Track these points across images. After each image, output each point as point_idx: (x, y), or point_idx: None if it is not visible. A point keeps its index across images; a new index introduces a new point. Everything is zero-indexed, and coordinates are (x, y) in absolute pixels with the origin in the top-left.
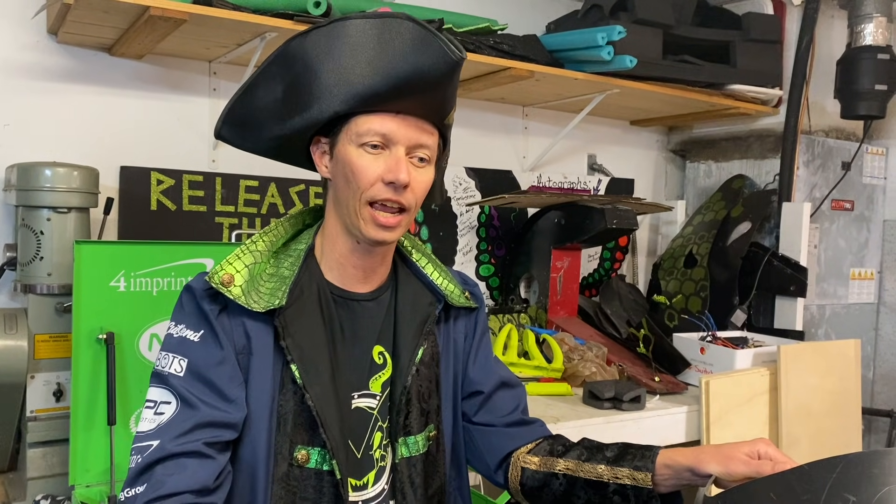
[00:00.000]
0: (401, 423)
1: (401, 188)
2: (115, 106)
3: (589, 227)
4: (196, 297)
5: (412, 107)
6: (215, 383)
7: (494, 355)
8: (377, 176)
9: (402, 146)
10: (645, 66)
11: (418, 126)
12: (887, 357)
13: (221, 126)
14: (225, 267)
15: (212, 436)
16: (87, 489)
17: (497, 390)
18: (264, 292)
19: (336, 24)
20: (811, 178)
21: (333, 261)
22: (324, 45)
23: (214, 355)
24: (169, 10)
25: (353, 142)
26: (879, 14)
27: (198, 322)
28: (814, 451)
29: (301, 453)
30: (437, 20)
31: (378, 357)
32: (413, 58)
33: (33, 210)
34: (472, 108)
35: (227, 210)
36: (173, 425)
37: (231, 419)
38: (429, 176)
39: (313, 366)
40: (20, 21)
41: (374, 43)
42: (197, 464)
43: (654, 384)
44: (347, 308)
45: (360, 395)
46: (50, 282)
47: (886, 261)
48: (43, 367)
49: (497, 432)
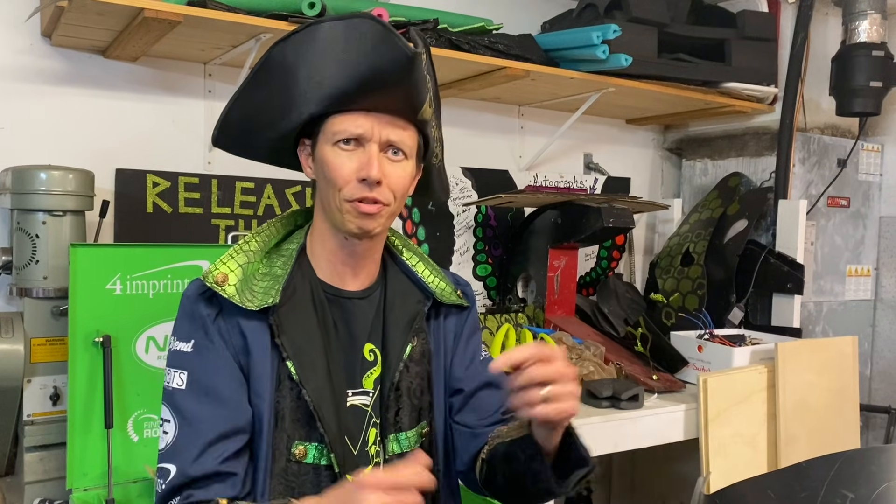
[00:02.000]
0: (391, 420)
1: (374, 184)
2: (110, 108)
3: (585, 227)
4: (191, 302)
5: (381, 104)
6: (216, 390)
7: (488, 355)
8: (352, 172)
9: (375, 143)
10: (640, 65)
11: (390, 122)
12: (884, 353)
13: (218, 135)
14: (219, 266)
15: (224, 450)
16: (85, 493)
17: (480, 390)
18: (258, 291)
19: (310, 27)
20: (807, 175)
21: (324, 259)
22: (300, 49)
23: (211, 362)
24: (163, 11)
25: (329, 141)
26: (874, 11)
27: (191, 330)
28: (812, 448)
29: (299, 449)
30: (431, 20)
31: (369, 354)
32: (374, 56)
33: (29, 213)
34: (468, 108)
35: (224, 212)
36: (185, 448)
37: (239, 424)
38: (406, 170)
39: (309, 362)
40: (14, 24)
41: (341, 44)
42: (220, 487)
43: (652, 383)
44: (340, 306)
45: (355, 392)
46: (46, 285)
47: (883, 257)
48: (39, 371)
49: (473, 434)
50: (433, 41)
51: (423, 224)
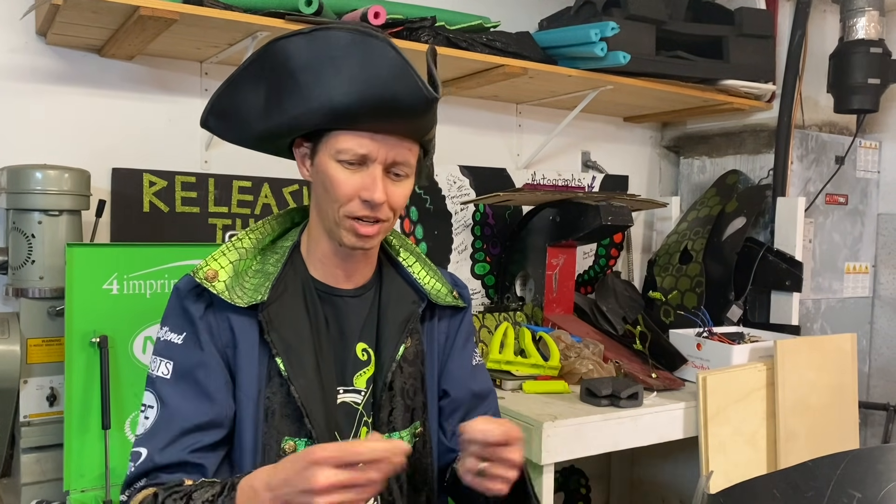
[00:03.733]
0: (384, 420)
1: (377, 206)
2: (106, 107)
3: (584, 225)
4: (181, 297)
5: (390, 128)
6: (200, 383)
7: (481, 361)
8: (354, 191)
9: (380, 164)
10: (638, 62)
11: (397, 144)
12: (883, 350)
13: (207, 117)
14: (210, 263)
15: (196, 441)
16: (82, 494)
17: (467, 400)
18: (248, 288)
19: (318, 32)
20: (805, 172)
21: (317, 259)
22: (305, 52)
23: (197, 357)
24: (159, 9)
25: (332, 157)
26: (871, 8)
27: (182, 324)
28: (811, 446)
29: (288, 444)
30: (429, 18)
31: (362, 354)
32: (391, 87)
33: (24, 213)
34: (466, 107)
35: (221, 211)
36: (159, 433)
37: (217, 419)
38: (407, 188)
39: (298, 359)
40: (8, 22)
41: (355, 61)
42: (184, 475)
43: (651, 381)
44: (332, 304)
45: (346, 390)
46: (42, 285)
47: (881, 254)
48: (36, 372)
49: (448, 448)
50: (430, 39)
51: (420, 222)
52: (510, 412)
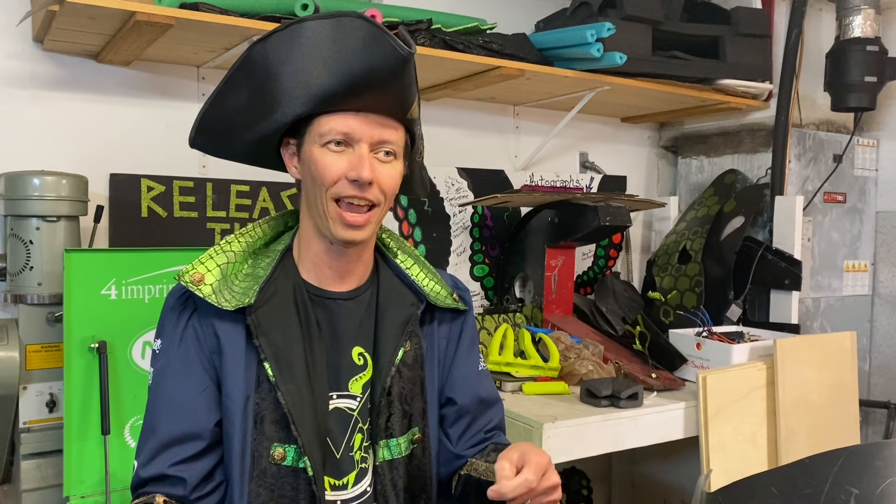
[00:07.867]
0: (381, 426)
1: (365, 185)
2: (104, 113)
3: (582, 225)
4: (167, 306)
5: (371, 104)
6: (176, 394)
7: (484, 367)
8: (341, 173)
9: (365, 143)
10: (635, 63)
11: (380, 122)
12: (883, 348)
13: (195, 135)
14: (196, 266)
15: (174, 455)
16: (83, 500)
17: (473, 406)
18: (237, 291)
19: (293, 26)
20: (803, 171)
21: (309, 261)
22: (283, 48)
23: (173, 366)
24: (155, 15)
25: (317, 142)
26: (867, 6)
27: (166, 332)
28: (812, 444)
29: (277, 451)
30: (425, 20)
31: (358, 358)
32: (365, 56)
33: (22, 219)
34: (463, 108)
35: (219, 216)
36: (145, 447)
37: (194, 430)
38: (396, 170)
39: (287, 364)
40: (5, 29)
41: (328, 43)
42: (164, 490)
43: (651, 381)
44: (324, 307)
45: (340, 395)
46: (40, 291)
47: (880, 252)
48: (35, 378)
49: (455, 455)
50: (427, 41)
51: (419, 225)
52: (510, 413)
